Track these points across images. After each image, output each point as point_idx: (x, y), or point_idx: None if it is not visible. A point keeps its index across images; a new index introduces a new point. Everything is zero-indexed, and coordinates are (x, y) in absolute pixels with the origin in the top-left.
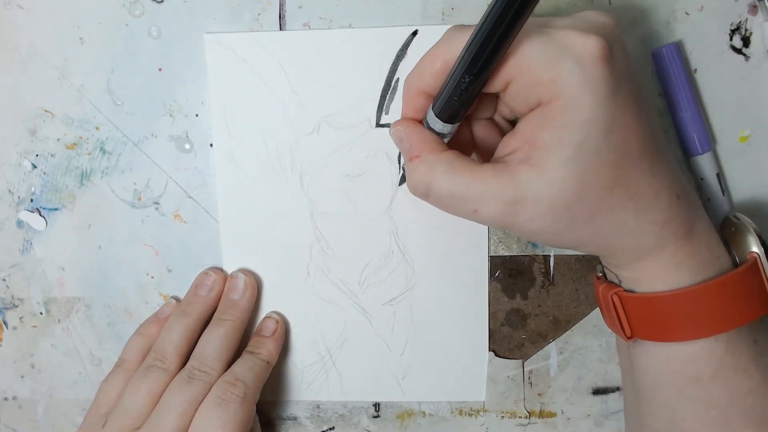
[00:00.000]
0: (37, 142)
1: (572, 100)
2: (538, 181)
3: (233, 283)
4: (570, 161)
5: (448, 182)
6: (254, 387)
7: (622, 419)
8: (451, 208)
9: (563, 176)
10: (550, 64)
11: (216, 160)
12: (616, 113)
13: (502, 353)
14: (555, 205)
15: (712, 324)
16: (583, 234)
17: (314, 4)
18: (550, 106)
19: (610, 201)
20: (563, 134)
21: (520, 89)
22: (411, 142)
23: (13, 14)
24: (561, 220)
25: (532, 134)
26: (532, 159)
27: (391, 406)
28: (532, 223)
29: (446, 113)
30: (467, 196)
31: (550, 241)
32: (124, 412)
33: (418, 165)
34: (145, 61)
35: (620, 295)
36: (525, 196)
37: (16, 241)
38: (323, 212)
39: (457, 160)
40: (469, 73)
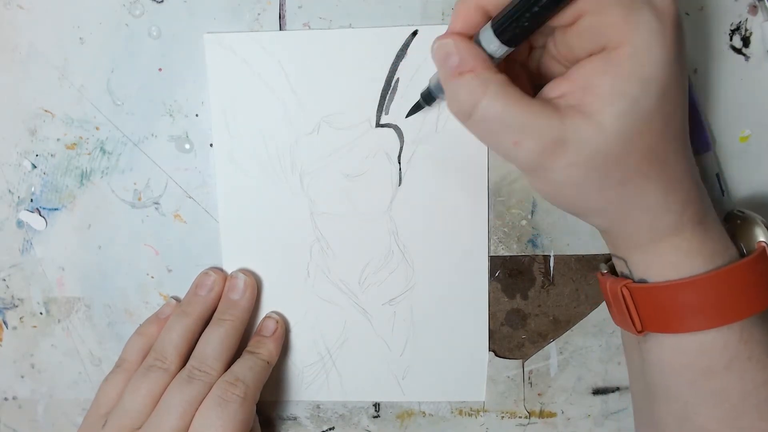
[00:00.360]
0: (37, 142)
1: (641, 52)
2: (586, 127)
3: (233, 283)
4: (624, 115)
5: (499, 105)
6: (254, 387)
7: (622, 419)
8: (491, 134)
9: (614, 129)
10: (627, 8)
11: (216, 160)
12: (673, 79)
13: (502, 353)
14: (596, 157)
15: (725, 313)
16: (610, 197)
17: (314, 4)
18: (616, 52)
19: (645, 170)
20: (624, 85)
21: (589, 26)
22: (462, 55)
23: (13, 14)
24: (595, 175)
25: (589, 80)
26: (584, 105)
27: (391, 406)
28: (567, 170)
29: (509, 33)
30: (514, 124)
31: (573, 198)
32: (125, 412)
33: (471, 80)
34: (145, 61)
35: (630, 287)
36: (570, 140)
37: (16, 241)
38: (323, 212)
39: (510, 85)
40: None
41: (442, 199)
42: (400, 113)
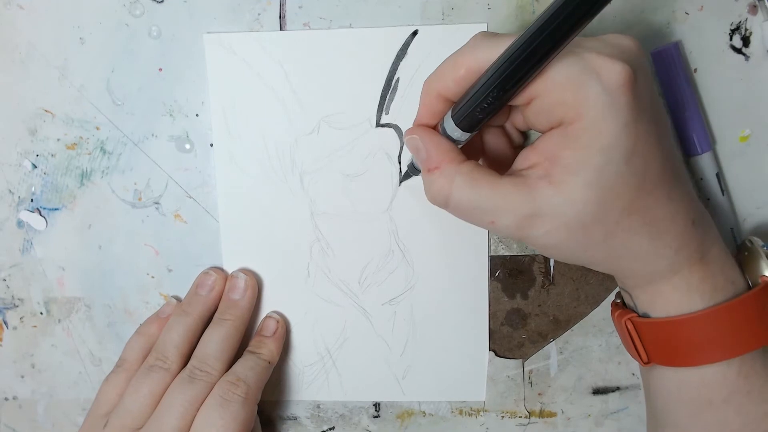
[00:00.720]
0: (37, 142)
1: (596, 124)
2: (557, 198)
3: (234, 283)
4: (591, 183)
5: (467, 194)
6: (256, 387)
7: (622, 419)
8: (469, 218)
9: (583, 197)
10: (576, 86)
11: (216, 160)
12: (638, 140)
13: (502, 353)
14: (571, 223)
15: (723, 348)
16: (597, 254)
17: (314, 4)
18: (572, 127)
19: (627, 224)
20: (585, 156)
21: (543, 106)
22: (429, 152)
23: (12, 14)
24: (576, 238)
25: (553, 152)
26: (552, 176)
27: (391, 406)
28: (547, 237)
29: (467, 122)
30: (486, 207)
31: (564, 256)
32: (126, 412)
33: (438, 177)
34: (145, 61)
35: (633, 320)
36: (543, 211)
37: (16, 241)
38: (323, 212)
39: (476, 171)
40: (499, 89)
41: None
42: (400, 113)
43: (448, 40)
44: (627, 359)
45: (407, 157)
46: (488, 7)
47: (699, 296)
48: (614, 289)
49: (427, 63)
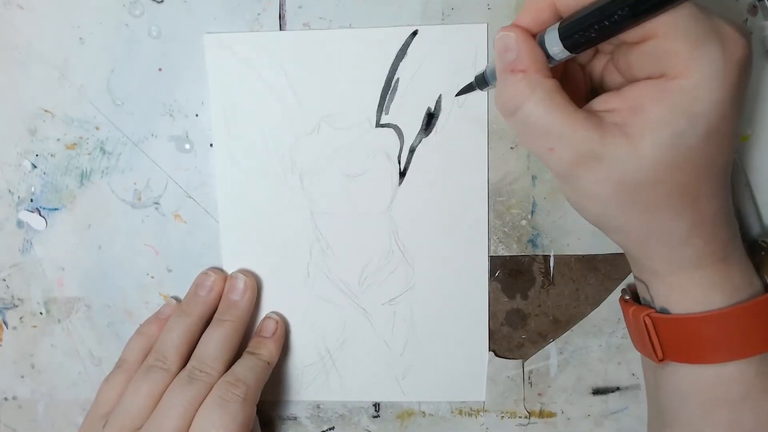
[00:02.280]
0: (37, 142)
1: (697, 87)
2: (624, 150)
3: (233, 283)
4: (665, 146)
5: (541, 110)
6: (255, 387)
7: (622, 419)
8: (529, 136)
9: (652, 157)
10: (697, 41)
11: (216, 160)
12: (723, 121)
13: (502, 353)
14: (627, 179)
15: (744, 346)
16: (631, 222)
17: (314, 4)
18: (673, 82)
19: (674, 203)
20: (672, 116)
21: (654, 50)
22: (520, 53)
23: (12, 14)
24: (621, 196)
25: (640, 102)
26: (628, 126)
27: (391, 406)
28: (596, 185)
29: (574, 40)
30: (552, 132)
31: (598, 213)
32: (125, 413)
33: (520, 80)
34: (145, 61)
35: (652, 317)
36: (604, 157)
37: (16, 241)
38: (323, 212)
39: (558, 92)
40: (631, 9)
41: (442, 199)
42: (400, 113)
43: (448, 40)
44: (627, 359)
45: (407, 157)
46: (488, 7)
47: (721, 293)
48: (614, 289)
49: (427, 63)
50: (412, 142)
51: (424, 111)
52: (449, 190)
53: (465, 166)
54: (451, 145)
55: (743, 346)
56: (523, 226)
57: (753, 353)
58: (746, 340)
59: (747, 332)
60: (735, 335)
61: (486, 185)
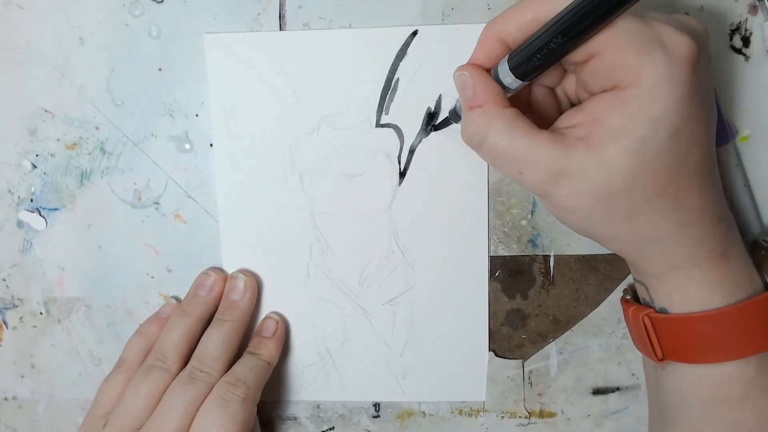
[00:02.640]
0: (37, 142)
1: (650, 92)
2: (591, 161)
3: (233, 284)
4: (630, 152)
5: (503, 139)
6: (255, 388)
7: (622, 419)
8: (499, 164)
9: (618, 165)
10: (640, 50)
11: (216, 160)
12: (688, 119)
13: (502, 353)
14: (600, 189)
15: (744, 345)
16: (617, 229)
17: (314, 4)
18: (625, 92)
19: (655, 205)
20: (632, 123)
21: (601, 65)
22: (476, 89)
23: (12, 14)
24: (600, 206)
25: (599, 115)
26: (591, 139)
27: (391, 406)
28: (572, 199)
29: (522, 69)
30: (519, 157)
31: (582, 225)
32: (125, 413)
33: (479, 115)
34: (145, 61)
35: (651, 316)
36: (574, 171)
37: (16, 241)
38: (323, 212)
39: (517, 119)
40: (563, 36)
41: (442, 199)
42: (400, 113)
43: (448, 41)
44: (627, 359)
45: (407, 157)
46: (488, 7)
47: (720, 292)
48: (614, 289)
49: (427, 63)
50: (412, 142)
51: (424, 111)
52: (449, 190)
53: (465, 166)
54: (451, 145)
55: (743, 346)
56: (523, 226)
57: (753, 352)
58: (746, 340)
59: (747, 331)
60: (735, 334)
61: (486, 185)
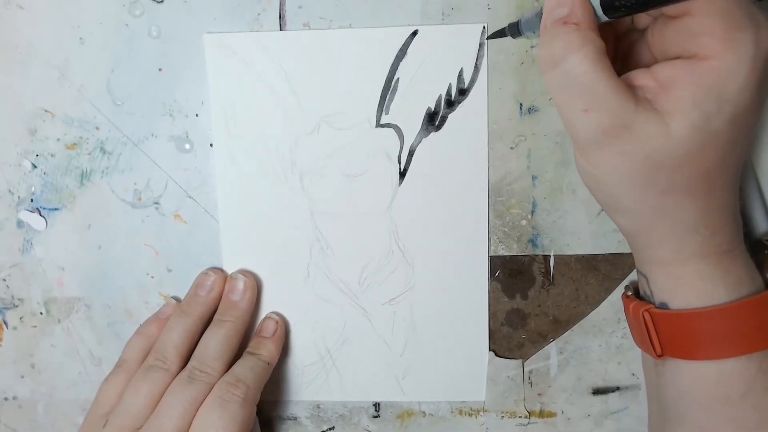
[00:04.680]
0: (37, 142)
1: (729, 71)
2: (655, 126)
3: (233, 284)
4: (693, 128)
5: (587, 66)
6: (255, 388)
7: (622, 419)
8: (567, 93)
9: (680, 137)
10: (734, 24)
11: (216, 160)
12: (748, 109)
13: (502, 353)
14: (653, 156)
15: (746, 342)
16: (647, 202)
17: (314, 4)
18: (704, 63)
19: (692, 188)
20: (702, 96)
21: (689, 27)
22: (573, 7)
23: (12, 14)
24: (643, 173)
25: (671, 81)
26: (659, 102)
27: (391, 406)
28: (620, 158)
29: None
30: (592, 91)
31: (612, 189)
32: (125, 413)
33: (572, 31)
34: (145, 61)
35: (651, 312)
36: (636, 130)
37: (16, 241)
38: (323, 212)
39: (605, 54)
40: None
41: (442, 199)
42: (400, 113)
43: (448, 41)
44: (627, 359)
45: (407, 157)
46: (488, 7)
47: (723, 287)
48: (614, 289)
49: (427, 63)
50: (412, 142)
51: (424, 111)
52: (449, 190)
53: (465, 166)
54: (451, 145)
55: (744, 342)
56: (523, 226)
57: (754, 349)
58: (747, 337)
59: (748, 328)
60: (735, 331)
61: (486, 185)
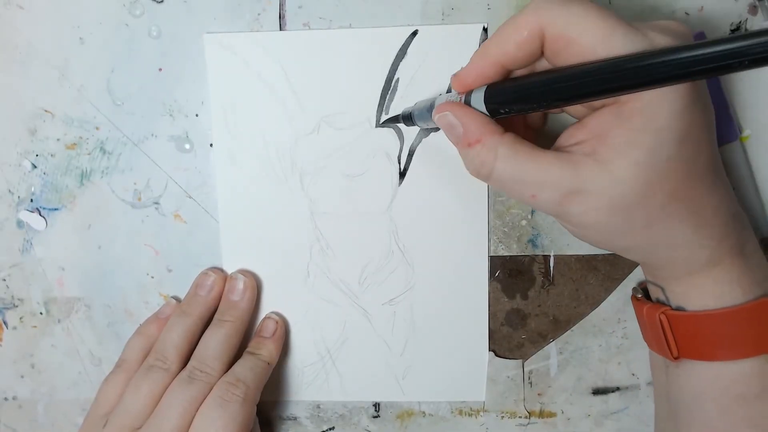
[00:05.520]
0: (37, 142)
1: (652, 105)
2: (602, 177)
3: (233, 284)
4: (640, 164)
5: (511, 166)
6: (255, 388)
7: (622, 419)
8: (510, 191)
9: (630, 177)
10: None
11: (216, 160)
12: (693, 125)
13: (502, 353)
14: (615, 203)
15: (764, 342)
16: (636, 240)
17: (314, 4)
18: (627, 106)
19: (672, 210)
20: (637, 137)
21: None
22: (467, 126)
23: (12, 14)
24: (617, 219)
25: (603, 131)
26: (599, 154)
27: (391, 406)
28: (587, 216)
29: (497, 110)
30: (528, 181)
31: (600, 239)
32: (125, 412)
33: (481, 149)
34: (145, 61)
35: (668, 314)
36: (586, 189)
37: (16, 241)
38: (323, 212)
39: (518, 143)
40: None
41: (442, 199)
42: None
43: (448, 41)
44: (627, 359)
45: (407, 158)
46: (488, 7)
47: (739, 289)
48: (614, 289)
49: (427, 63)
50: (412, 143)
51: None
52: (449, 190)
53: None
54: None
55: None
56: (523, 226)
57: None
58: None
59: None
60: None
61: (486, 185)
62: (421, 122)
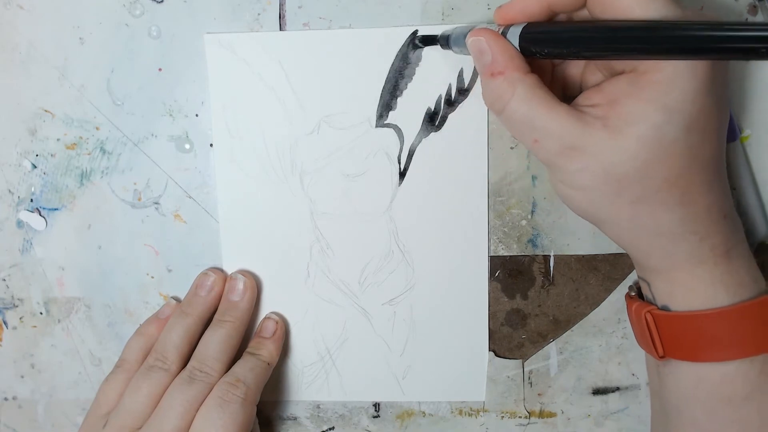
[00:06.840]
0: (37, 142)
1: (669, 81)
2: (606, 142)
3: (233, 284)
4: (645, 138)
5: (524, 107)
6: (255, 388)
7: (622, 419)
8: (516, 130)
9: (632, 149)
10: None
11: (216, 160)
12: (702, 113)
13: (502, 353)
14: (612, 170)
15: (748, 345)
16: (621, 214)
17: (314, 4)
18: (644, 77)
19: (662, 197)
20: (647, 110)
21: None
22: (495, 55)
23: (12, 14)
24: (608, 187)
25: (617, 97)
26: (608, 120)
27: (391, 406)
28: (582, 175)
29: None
30: (536, 126)
31: (587, 205)
32: (125, 413)
33: (501, 82)
34: (145, 61)
35: (654, 313)
36: (588, 148)
37: (16, 241)
38: (323, 212)
39: (537, 87)
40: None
41: (442, 199)
42: (400, 113)
43: None
44: (627, 359)
45: (407, 157)
46: (488, 7)
47: (724, 290)
48: (614, 289)
49: (427, 63)
50: (412, 142)
51: (424, 111)
52: (449, 190)
53: (465, 166)
54: (451, 145)
55: (746, 345)
56: (523, 226)
57: (756, 352)
58: (749, 339)
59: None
60: (737, 334)
61: (486, 185)
62: (456, 47)
